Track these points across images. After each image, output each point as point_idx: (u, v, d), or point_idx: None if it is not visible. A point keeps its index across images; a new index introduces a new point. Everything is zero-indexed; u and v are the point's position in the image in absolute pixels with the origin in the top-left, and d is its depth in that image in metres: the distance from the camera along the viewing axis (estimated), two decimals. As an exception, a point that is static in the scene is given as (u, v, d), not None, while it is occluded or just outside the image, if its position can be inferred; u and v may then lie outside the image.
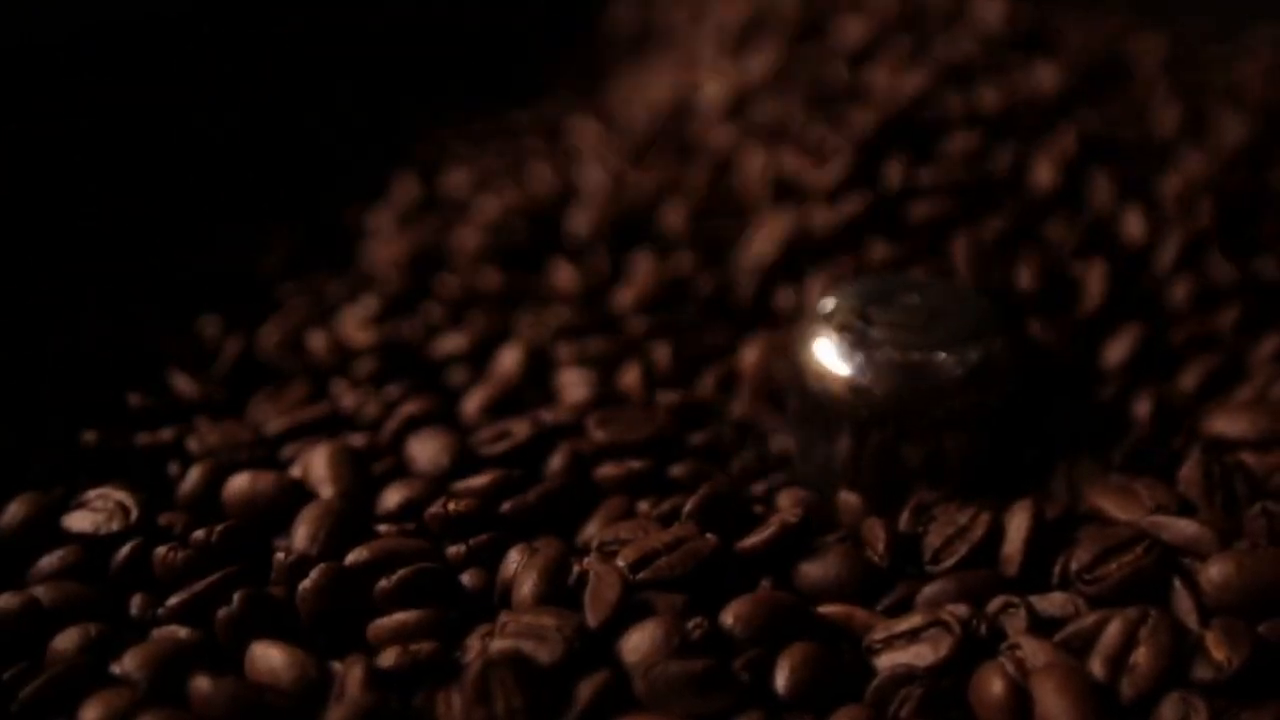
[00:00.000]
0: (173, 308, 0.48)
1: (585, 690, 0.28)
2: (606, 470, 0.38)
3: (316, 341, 0.45)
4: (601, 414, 0.40)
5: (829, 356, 0.38)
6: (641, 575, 0.32)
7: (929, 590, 0.33)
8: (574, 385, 0.43)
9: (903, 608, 0.33)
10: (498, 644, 0.29)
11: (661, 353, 0.45)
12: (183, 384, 0.43)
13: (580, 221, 0.51)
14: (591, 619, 0.30)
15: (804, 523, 0.34)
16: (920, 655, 0.30)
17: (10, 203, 0.55)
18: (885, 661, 0.31)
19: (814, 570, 0.33)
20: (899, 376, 0.38)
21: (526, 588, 0.31)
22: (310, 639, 0.32)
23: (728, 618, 0.30)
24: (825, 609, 0.32)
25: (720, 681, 0.28)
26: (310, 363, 0.44)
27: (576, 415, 0.40)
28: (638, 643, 0.29)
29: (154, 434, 0.40)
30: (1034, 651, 0.29)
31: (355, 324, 0.46)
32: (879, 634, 0.31)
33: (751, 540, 0.34)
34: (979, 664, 0.29)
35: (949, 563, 0.34)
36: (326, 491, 0.37)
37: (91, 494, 0.36)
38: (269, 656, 0.30)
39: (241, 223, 0.55)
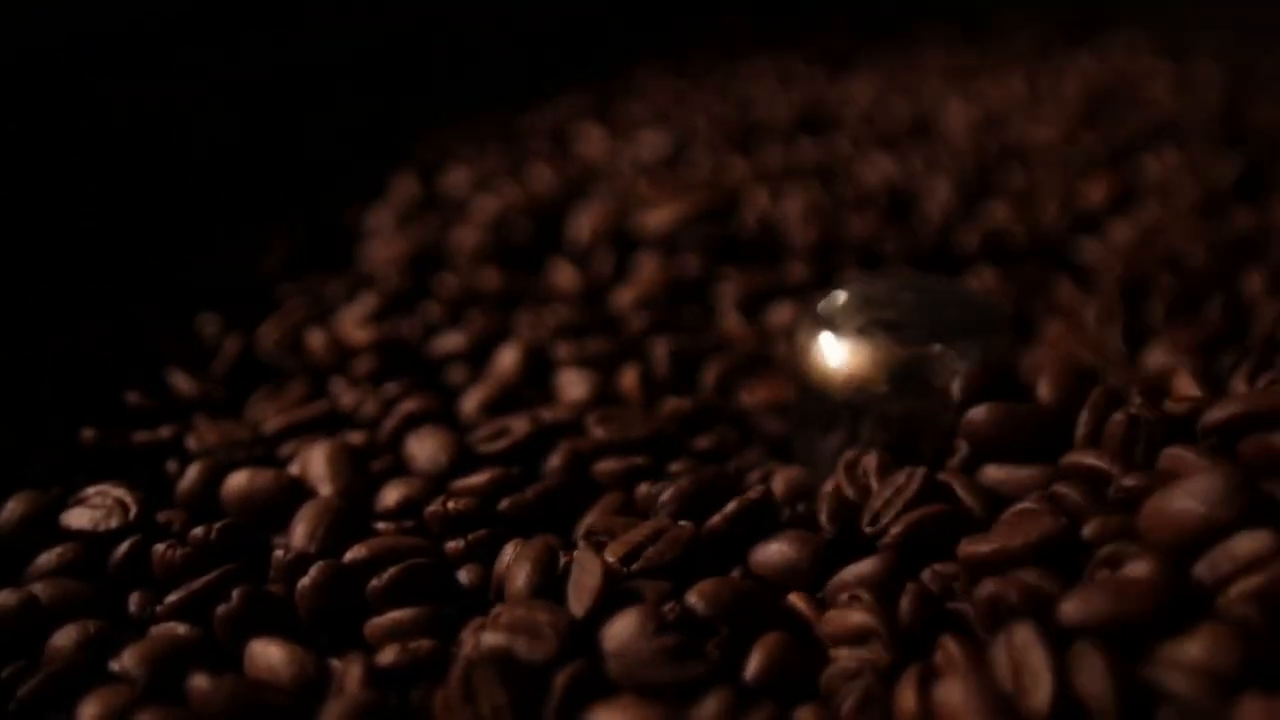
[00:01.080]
0: (173, 308, 0.48)
1: (561, 679, 0.28)
2: (607, 465, 0.38)
3: (315, 340, 0.45)
4: (601, 413, 0.40)
5: (830, 353, 0.38)
6: (635, 566, 0.32)
7: (850, 571, 0.32)
8: (573, 385, 0.43)
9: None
10: (488, 637, 0.29)
11: (660, 352, 0.45)
12: (182, 382, 0.43)
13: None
14: (576, 608, 0.30)
15: (765, 498, 0.34)
16: (865, 653, 0.30)
17: (10, 203, 0.55)
18: (838, 655, 0.30)
19: (768, 547, 0.33)
20: (900, 372, 0.38)
21: (520, 579, 0.31)
22: (309, 636, 0.32)
23: (693, 596, 0.30)
24: (788, 599, 0.32)
25: (692, 652, 0.28)
26: (309, 362, 0.44)
27: (575, 414, 0.40)
28: (618, 631, 0.29)
29: (153, 432, 0.40)
30: (952, 656, 0.28)
31: (354, 322, 0.46)
32: (829, 628, 0.31)
33: (715, 519, 0.34)
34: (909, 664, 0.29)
35: (888, 518, 0.33)
36: (325, 489, 0.37)
37: (90, 491, 0.36)
38: (268, 654, 0.30)
39: (241, 223, 0.55)
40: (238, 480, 0.37)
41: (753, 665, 0.29)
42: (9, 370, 0.44)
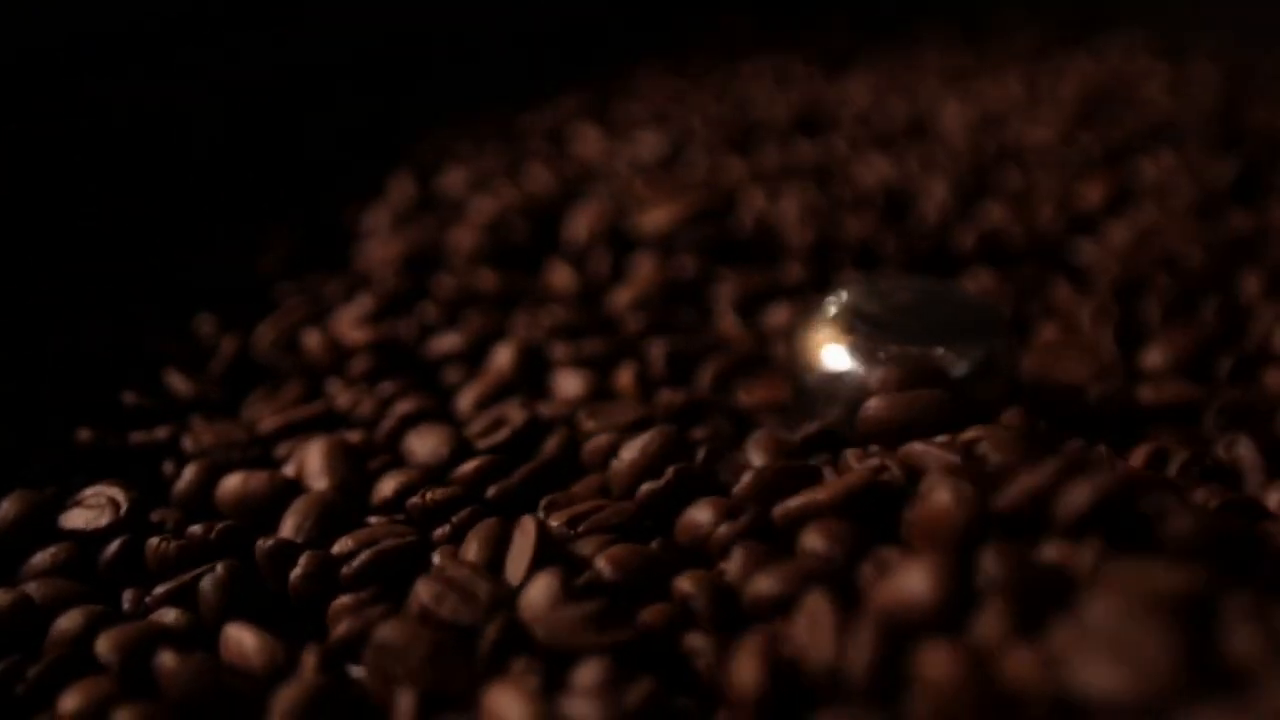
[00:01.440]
0: (172, 308, 0.48)
1: (490, 633, 0.28)
2: (595, 445, 0.38)
3: (311, 341, 0.45)
4: (593, 407, 0.40)
5: (830, 353, 0.39)
6: (581, 528, 0.33)
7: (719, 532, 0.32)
8: (569, 384, 0.43)
9: None
10: (420, 587, 0.30)
11: (657, 353, 0.45)
12: (178, 383, 0.43)
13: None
14: (512, 577, 0.31)
15: (688, 471, 0.34)
16: None
17: (10, 203, 0.55)
18: None
19: (685, 514, 0.33)
20: (899, 373, 0.38)
21: (470, 554, 0.32)
22: (298, 625, 0.32)
23: (601, 561, 0.31)
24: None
25: (616, 617, 0.29)
26: (305, 362, 0.44)
27: (570, 409, 0.40)
28: (534, 597, 0.29)
29: (149, 433, 0.40)
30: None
31: (350, 322, 0.46)
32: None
33: (647, 488, 0.34)
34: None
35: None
36: (321, 485, 0.37)
37: (87, 493, 0.36)
38: (241, 640, 0.30)
39: (240, 223, 0.55)
40: (232, 482, 0.37)
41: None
42: (9, 370, 0.44)
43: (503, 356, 0.44)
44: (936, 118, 0.66)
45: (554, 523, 0.33)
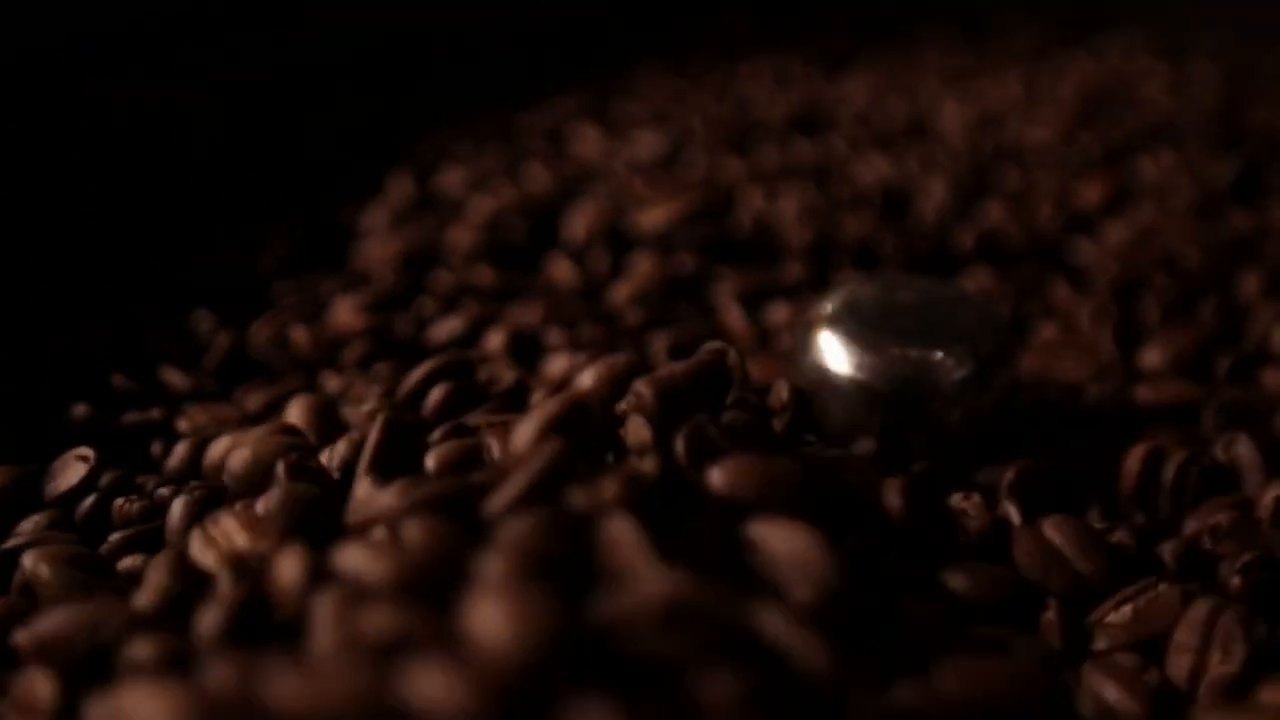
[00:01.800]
0: (171, 308, 0.48)
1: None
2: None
3: (306, 336, 0.45)
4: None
5: (831, 353, 0.39)
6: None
7: None
8: (559, 367, 0.43)
9: None
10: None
11: (659, 347, 0.45)
12: (174, 378, 0.43)
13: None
14: (359, 469, 0.31)
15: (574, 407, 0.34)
16: None
17: (10, 203, 0.55)
18: None
19: None
20: (900, 373, 0.38)
21: (337, 452, 0.33)
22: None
23: (430, 460, 0.31)
24: None
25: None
26: (300, 357, 0.45)
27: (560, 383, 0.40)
28: (357, 492, 0.30)
29: (144, 413, 0.40)
30: None
31: (347, 310, 0.46)
32: None
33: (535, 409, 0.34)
34: None
35: None
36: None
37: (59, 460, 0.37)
38: (151, 574, 0.30)
39: (240, 222, 0.55)
40: (221, 446, 0.36)
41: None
42: (9, 370, 0.44)
43: (495, 339, 0.44)
44: (936, 118, 0.67)
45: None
